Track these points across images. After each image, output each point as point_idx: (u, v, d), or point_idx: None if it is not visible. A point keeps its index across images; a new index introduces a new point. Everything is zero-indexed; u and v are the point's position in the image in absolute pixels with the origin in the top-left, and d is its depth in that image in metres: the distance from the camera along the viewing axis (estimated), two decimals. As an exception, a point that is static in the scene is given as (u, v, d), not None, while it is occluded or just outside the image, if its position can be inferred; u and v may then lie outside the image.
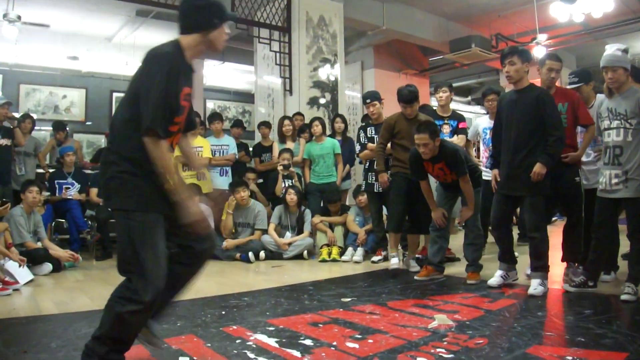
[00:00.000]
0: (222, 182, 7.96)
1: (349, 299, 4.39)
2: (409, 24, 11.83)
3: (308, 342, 3.24)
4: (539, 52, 11.00)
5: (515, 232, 5.36)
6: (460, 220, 5.53)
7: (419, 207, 5.59)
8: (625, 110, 4.25)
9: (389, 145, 5.93)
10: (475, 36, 12.06)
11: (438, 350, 3.01)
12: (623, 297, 4.14)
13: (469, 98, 17.69)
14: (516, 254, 5.08)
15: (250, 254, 6.65)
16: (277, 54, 9.21)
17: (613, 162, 4.30)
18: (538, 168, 4.49)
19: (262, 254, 6.81)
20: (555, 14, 9.90)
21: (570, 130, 4.92)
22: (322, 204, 7.40)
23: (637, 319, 3.78)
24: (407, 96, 5.66)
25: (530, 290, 4.50)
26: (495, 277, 4.88)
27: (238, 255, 6.77)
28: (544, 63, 4.94)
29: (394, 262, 5.70)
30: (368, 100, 6.63)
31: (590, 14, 9.69)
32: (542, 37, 11.22)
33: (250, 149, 9.00)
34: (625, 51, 4.31)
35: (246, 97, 14.64)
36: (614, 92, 4.36)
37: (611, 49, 4.32)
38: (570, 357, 2.84)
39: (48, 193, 7.03)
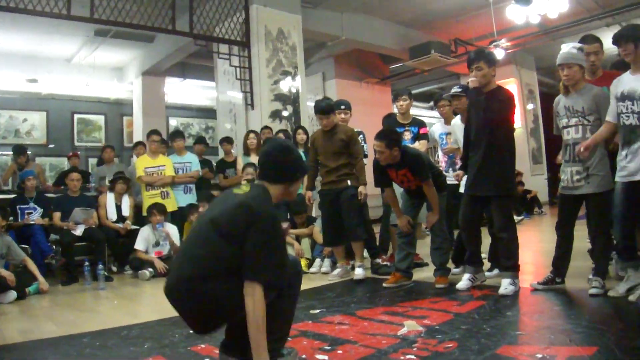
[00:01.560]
0: (187, 199, 7.91)
1: (318, 310, 4.36)
2: (368, 33, 11.94)
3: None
4: (498, 54, 11.17)
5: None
6: (426, 226, 5.54)
7: (344, 217, 5.72)
8: (583, 108, 4.31)
9: None
10: (434, 42, 12.20)
11: (408, 357, 3.01)
12: (591, 291, 4.20)
13: (431, 103, 17.84)
14: (483, 255, 5.11)
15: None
16: (238, 69, 9.20)
17: (573, 159, 4.36)
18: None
19: (230, 269, 6.69)
20: (512, 16, 10.10)
21: None
22: (288, 217, 7.36)
23: (606, 312, 3.82)
24: (325, 108, 5.67)
25: (501, 290, 4.53)
26: (463, 281, 4.90)
27: (206, 272, 6.64)
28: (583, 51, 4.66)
29: (359, 273, 5.71)
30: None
31: (546, 14, 9.88)
32: (500, 41, 11.39)
33: (214, 164, 8.96)
34: (581, 49, 4.37)
35: (209, 113, 14.60)
36: (570, 90, 4.41)
37: (567, 47, 4.37)
38: (540, 355, 2.85)
39: (11, 218, 6.90)
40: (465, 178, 4.98)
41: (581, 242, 4.90)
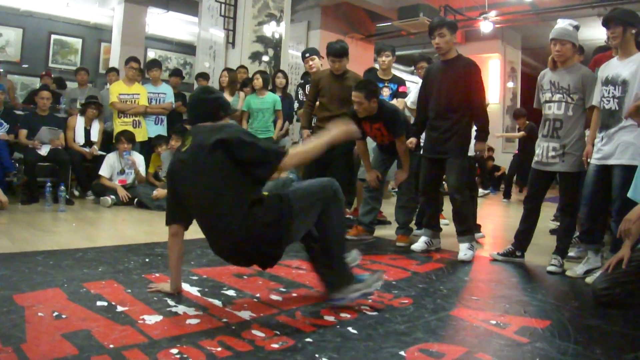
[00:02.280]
0: (157, 130, 7.85)
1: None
2: (358, -14, 11.78)
3: (231, 292, 3.22)
4: (486, 27, 11.14)
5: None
6: (394, 184, 5.55)
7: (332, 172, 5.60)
8: (568, 85, 4.29)
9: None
10: (424, 5, 12.07)
11: (362, 307, 3.03)
12: (549, 268, 4.27)
13: (412, 68, 17.75)
14: (446, 222, 5.13)
15: (181, 205, 6.51)
16: (222, 5, 9.03)
17: (552, 135, 4.36)
18: (479, 146, 4.75)
19: (193, 205, 6.67)
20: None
21: None
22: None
23: (562, 290, 3.87)
24: (338, 50, 5.52)
25: (460, 256, 4.58)
26: (419, 243, 4.94)
27: (169, 205, 6.62)
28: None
29: None
30: (307, 55, 6.61)
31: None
32: (490, 14, 11.33)
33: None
34: (577, 27, 4.33)
35: (188, 48, 14.38)
36: (558, 66, 4.38)
37: (563, 23, 4.32)
38: (494, 322, 2.89)
39: (-26, 131, 6.78)
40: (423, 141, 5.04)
41: (545, 223, 4.96)
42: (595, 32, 4.82)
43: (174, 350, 2.26)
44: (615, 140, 3.95)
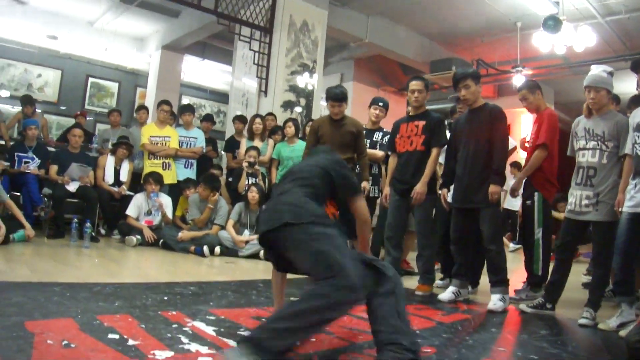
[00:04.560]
0: (186, 173, 7.87)
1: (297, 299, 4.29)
2: (391, 40, 11.86)
3: (247, 334, 3.14)
4: (518, 81, 11.10)
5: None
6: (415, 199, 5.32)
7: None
8: (603, 132, 4.22)
9: None
10: (456, 59, 12.13)
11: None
12: (581, 321, 4.10)
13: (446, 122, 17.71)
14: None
15: (205, 248, 6.49)
16: (256, 54, 9.14)
17: (585, 182, 4.27)
18: (492, 189, 4.57)
19: (217, 249, 6.65)
20: (538, 43, 9.98)
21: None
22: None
23: (594, 343, 3.73)
24: (338, 95, 5.56)
25: (490, 305, 4.47)
26: (447, 293, 4.82)
27: (192, 248, 6.61)
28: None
29: None
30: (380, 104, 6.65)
31: (572, 47, 9.78)
32: (523, 68, 11.32)
33: (219, 145, 8.95)
34: (611, 74, 4.27)
35: (222, 97, 14.55)
36: (593, 113, 4.32)
37: (597, 70, 4.28)
38: (520, 373, 2.77)
39: (7, 163, 6.86)
40: (452, 192, 5.01)
41: (577, 277, 4.83)
42: (628, 86, 4.78)
43: (181, 386, 2.18)
44: None
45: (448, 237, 5.17)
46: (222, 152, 9.05)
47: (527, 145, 5.88)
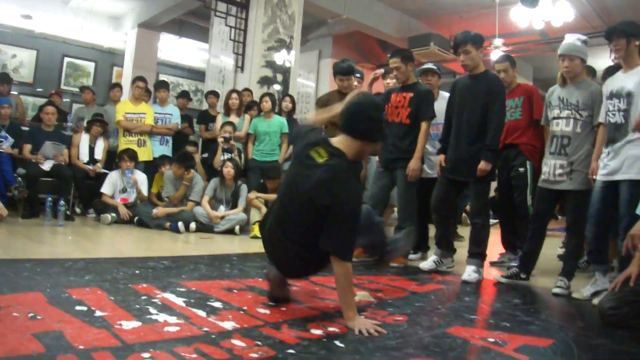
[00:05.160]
0: (162, 150, 7.79)
1: (272, 271, 4.28)
2: (370, 16, 11.80)
3: (217, 304, 3.10)
4: (496, 56, 11.09)
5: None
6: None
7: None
8: (577, 101, 4.20)
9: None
10: (434, 35, 12.11)
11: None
12: (555, 290, 4.11)
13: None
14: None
15: (180, 224, 6.47)
16: (233, 30, 9.06)
17: (559, 152, 4.25)
18: (483, 165, 4.47)
19: (192, 225, 6.62)
20: (516, 18, 9.96)
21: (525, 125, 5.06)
22: (262, 182, 7.27)
23: (567, 311, 3.76)
24: (345, 69, 5.53)
25: (464, 276, 4.46)
26: (428, 261, 4.83)
27: (168, 224, 6.58)
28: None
29: None
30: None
31: (549, 22, 9.79)
32: (500, 42, 11.31)
33: (195, 120, 8.87)
34: (585, 42, 4.24)
35: (199, 75, 14.38)
36: (568, 82, 4.30)
37: (571, 38, 4.24)
38: (492, 339, 2.75)
39: (-21, 143, 6.76)
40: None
41: (553, 250, 4.85)
42: (606, 62, 4.76)
43: (146, 355, 2.15)
44: (622, 154, 3.82)
45: (422, 211, 5.17)
46: (196, 125, 8.97)
47: None
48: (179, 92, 10.66)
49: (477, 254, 4.59)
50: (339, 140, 3.02)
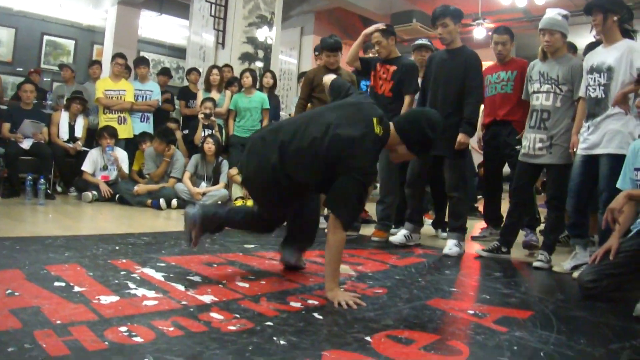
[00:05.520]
0: (143, 127, 7.73)
1: (252, 246, 4.27)
2: (352, -8, 11.72)
3: (196, 278, 3.11)
4: (479, 33, 11.10)
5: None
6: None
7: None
8: (557, 76, 4.22)
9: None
10: (417, 11, 12.06)
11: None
12: (535, 264, 4.17)
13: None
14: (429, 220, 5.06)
15: (162, 201, 6.46)
16: (213, 5, 8.98)
17: (539, 126, 4.26)
18: (462, 138, 4.50)
19: (174, 202, 6.61)
20: (500, -5, 9.95)
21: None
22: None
23: (548, 284, 3.81)
24: (332, 45, 5.47)
25: (445, 250, 4.51)
26: (398, 236, 4.85)
27: (149, 201, 6.56)
28: (491, 38, 4.88)
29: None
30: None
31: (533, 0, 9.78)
32: (483, 21, 11.31)
33: (176, 97, 8.81)
34: (566, 17, 4.26)
35: (181, 52, 14.19)
36: (548, 56, 4.32)
37: (552, 12, 4.25)
38: (472, 311, 2.79)
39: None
40: None
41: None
42: (589, 39, 4.77)
43: (123, 328, 2.15)
44: (601, 129, 3.85)
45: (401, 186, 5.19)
46: (177, 101, 8.91)
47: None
48: (159, 70, 10.56)
49: (458, 227, 4.63)
50: (391, 127, 3.06)
